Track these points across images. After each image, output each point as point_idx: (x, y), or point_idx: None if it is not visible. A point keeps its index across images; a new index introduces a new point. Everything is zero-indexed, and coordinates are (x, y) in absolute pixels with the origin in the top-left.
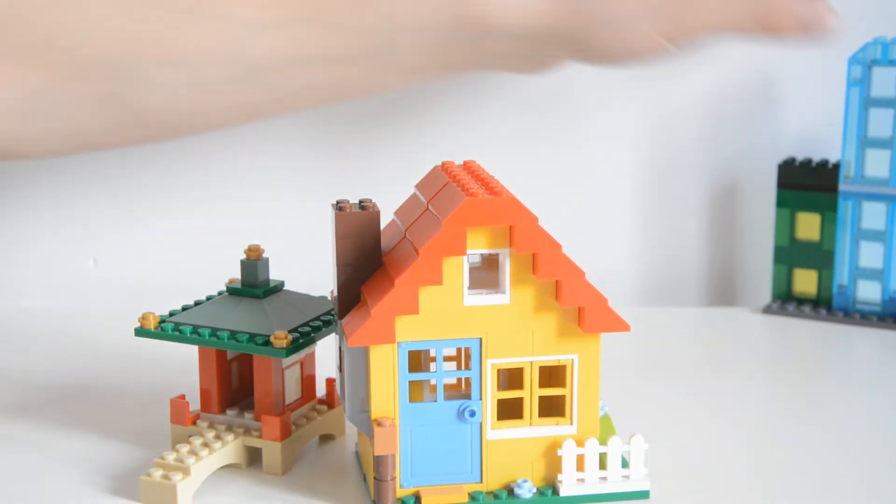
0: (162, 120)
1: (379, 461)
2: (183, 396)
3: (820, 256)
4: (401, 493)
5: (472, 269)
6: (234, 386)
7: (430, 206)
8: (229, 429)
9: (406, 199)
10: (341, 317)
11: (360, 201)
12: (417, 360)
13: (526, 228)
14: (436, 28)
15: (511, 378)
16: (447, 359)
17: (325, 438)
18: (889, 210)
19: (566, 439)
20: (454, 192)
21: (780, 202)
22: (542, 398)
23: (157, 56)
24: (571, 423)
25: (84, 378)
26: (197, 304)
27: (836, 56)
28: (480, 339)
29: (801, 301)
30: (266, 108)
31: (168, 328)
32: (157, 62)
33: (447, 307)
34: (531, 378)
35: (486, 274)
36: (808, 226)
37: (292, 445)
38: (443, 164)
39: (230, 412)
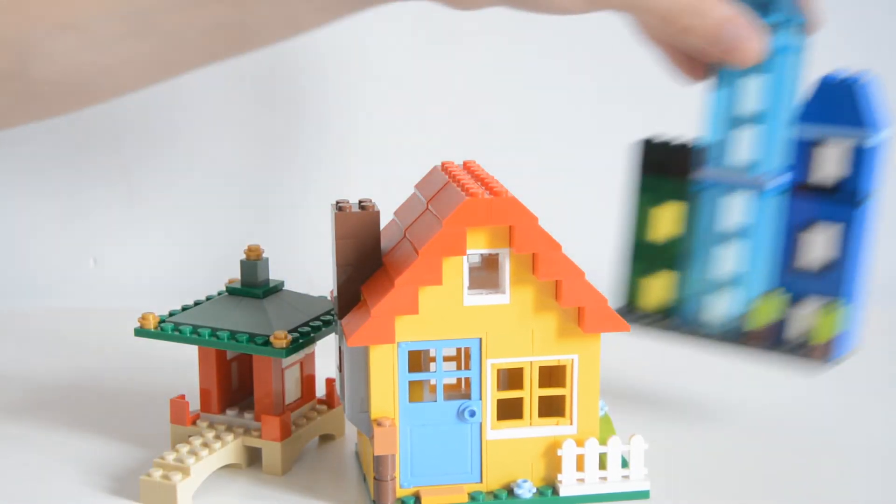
0: (65, 89)
1: (379, 461)
2: (183, 396)
3: (673, 258)
4: (401, 493)
5: (472, 269)
6: (233, 386)
7: (429, 206)
8: (229, 429)
9: (406, 199)
10: (341, 317)
11: (360, 201)
12: (417, 360)
13: (526, 228)
14: None
15: (511, 378)
16: (448, 359)
17: (325, 438)
18: (752, 204)
19: (566, 439)
20: (454, 192)
21: (642, 189)
22: (542, 398)
23: (48, 23)
24: (571, 423)
25: (84, 378)
26: (197, 304)
27: None
28: (480, 339)
29: (645, 314)
30: (175, 60)
31: (168, 328)
32: (49, 29)
33: (447, 307)
34: (531, 378)
35: (486, 274)
36: (663, 220)
37: (292, 445)
38: (443, 163)
39: (230, 412)
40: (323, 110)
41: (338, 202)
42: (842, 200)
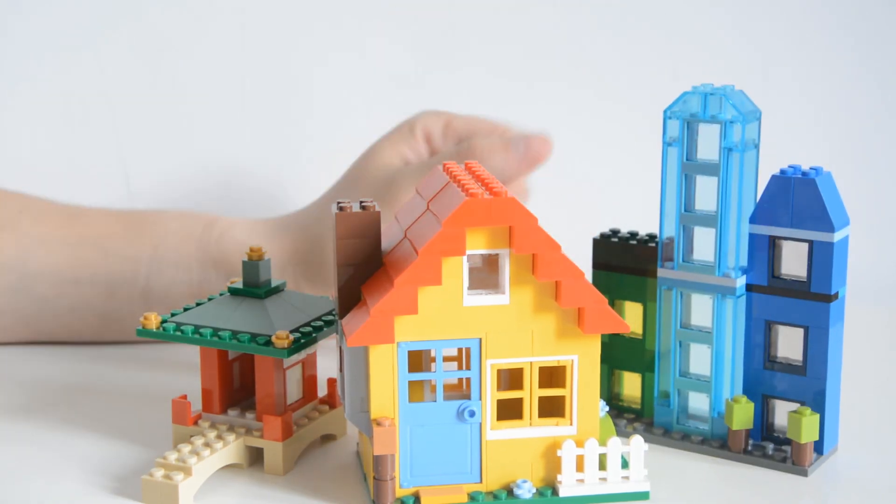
0: None
1: (378, 461)
2: (185, 396)
3: (642, 357)
4: (400, 492)
5: (473, 270)
6: (235, 386)
7: (430, 207)
8: (231, 429)
9: (407, 199)
10: (342, 317)
11: (361, 201)
12: (419, 361)
13: (525, 229)
14: (195, 266)
15: (512, 378)
16: (449, 359)
17: (327, 438)
18: (715, 304)
19: (566, 440)
20: (454, 193)
21: (597, 286)
22: (543, 399)
23: None
24: (571, 424)
25: (85, 378)
26: (199, 304)
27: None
28: (480, 340)
29: (621, 410)
30: (41, 324)
31: (170, 328)
32: None
33: (447, 307)
34: (531, 378)
35: (486, 274)
36: (629, 317)
37: (294, 445)
38: (444, 164)
39: (232, 412)
40: (325, 109)
41: (339, 202)
42: (806, 301)
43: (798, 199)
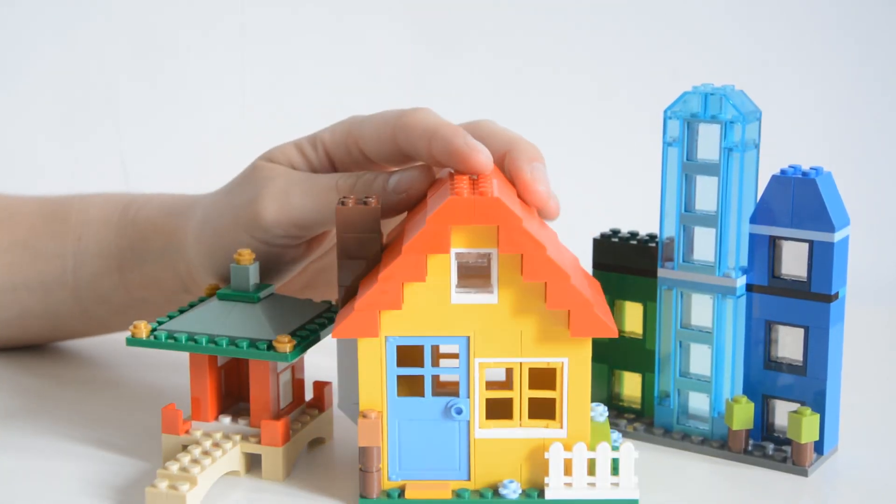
0: None
1: (363, 452)
2: (173, 405)
3: (642, 356)
4: (387, 485)
5: (471, 268)
6: (222, 393)
7: (427, 204)
8: (226, 436)
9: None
10: None
11: (365, 196)
12: (420, 356)
13: (510, 229)
14: (114, 252)
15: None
16: (450, 356)
17: (315, 442)
18: (715, 304)
19: (553, 442)
20: (444, 191)
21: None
22: (537, 400)
23: None
24: (561, 427)
25: (83, 378)
26: (181, 311)
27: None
28: (468, 338)
29: (622, 410)
30: None
31: (162, 336)
32: None
33: (435, 304)
34: (520, 379)
35: (483, 273)
36: (630, 317)
37: (292, 449)
38: None
39: (223, 419)
40: (324, 106)
41: (341, 197)
42: (806, 301)
43: (798, 199)
